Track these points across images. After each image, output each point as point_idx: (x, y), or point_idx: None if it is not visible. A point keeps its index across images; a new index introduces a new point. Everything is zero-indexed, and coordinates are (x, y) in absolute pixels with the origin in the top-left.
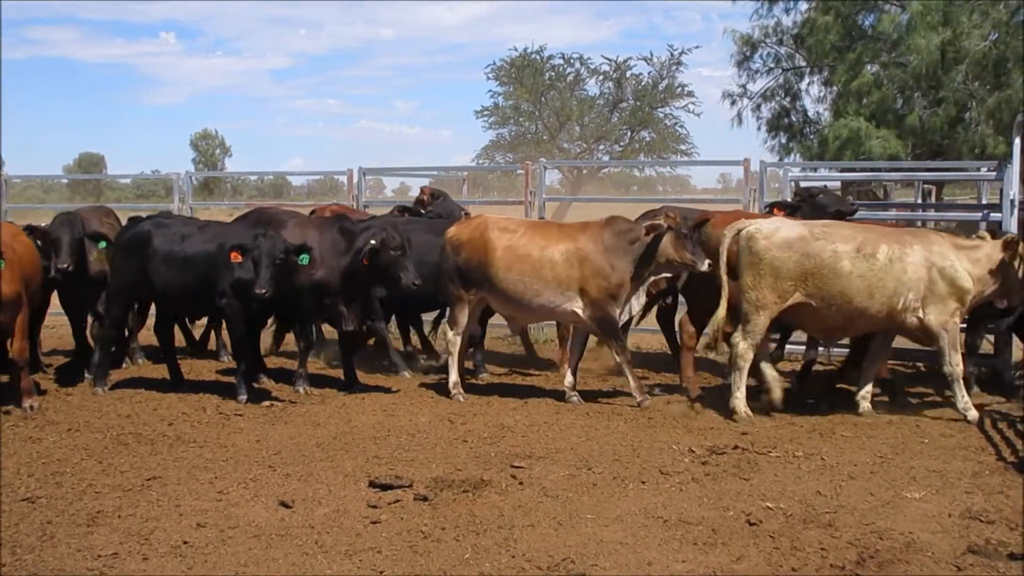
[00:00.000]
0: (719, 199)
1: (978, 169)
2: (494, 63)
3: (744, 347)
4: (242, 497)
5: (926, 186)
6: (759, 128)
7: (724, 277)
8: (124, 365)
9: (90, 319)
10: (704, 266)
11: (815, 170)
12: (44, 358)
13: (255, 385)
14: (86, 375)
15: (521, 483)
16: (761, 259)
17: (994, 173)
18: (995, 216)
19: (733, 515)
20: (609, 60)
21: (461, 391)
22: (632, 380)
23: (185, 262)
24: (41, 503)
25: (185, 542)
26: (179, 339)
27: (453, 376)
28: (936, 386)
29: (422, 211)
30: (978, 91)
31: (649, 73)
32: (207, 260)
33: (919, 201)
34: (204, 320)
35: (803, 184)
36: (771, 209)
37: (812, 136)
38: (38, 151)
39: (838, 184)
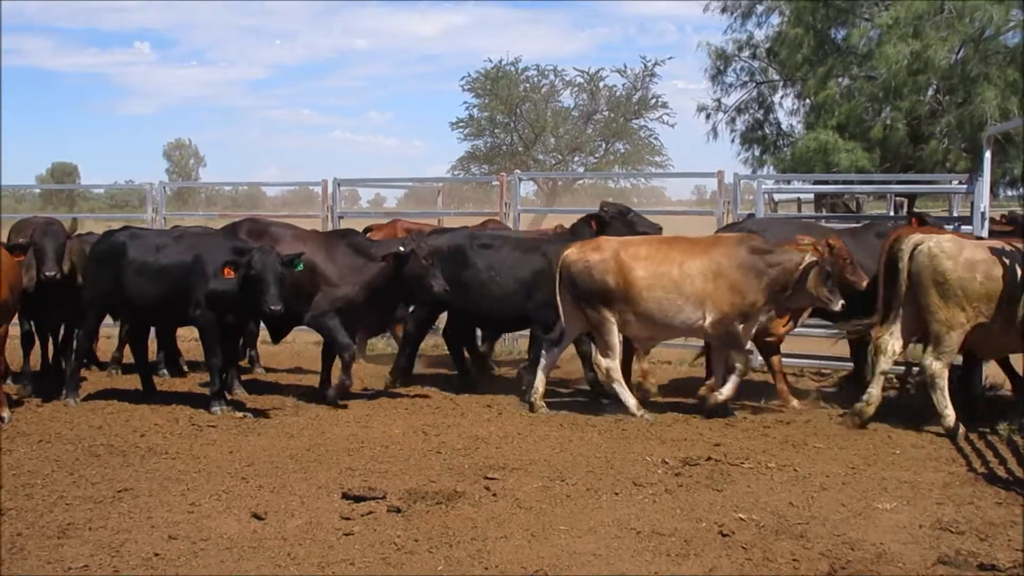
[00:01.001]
0: (693, 211)
1: (949, 182)
2: (469, 75)
3: (939, 367)
4: (214, 509)
5: (898, 199)
6: (733, 141)
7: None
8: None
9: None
10: (839, 306)
11: (788, 182)
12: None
13: (228, 396)
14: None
15: (494, 495)
16: (947, 279)
17: (965, 186)
18: (966, 228)
19: (706, 526)
20: (583, 72)
21: (646, 411)
22: (730, 389)
23: (160, 273)
24: (11, 515)
25: (156, 554)
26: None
27: (631, 399)
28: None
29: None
30: (945, 106)
31: (623, 85)
32: (183, 271)
33: (891, 214)
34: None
35: (776, 197)
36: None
37: (785, 149)
38: (10, 161)
39: (811, 196)
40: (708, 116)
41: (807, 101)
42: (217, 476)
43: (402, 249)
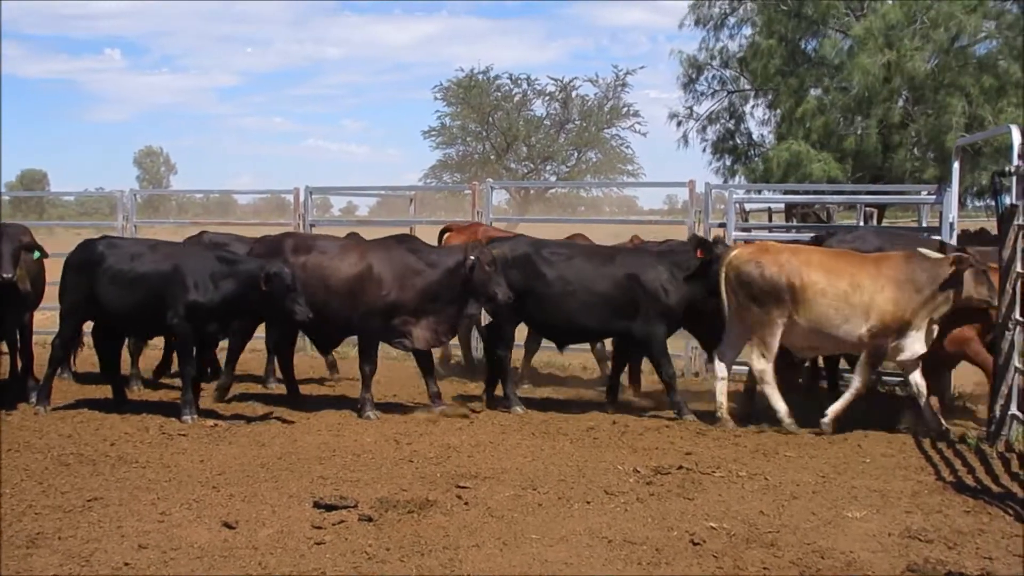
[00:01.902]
0: (665, 220)
1: (919, 192)
2: (441, 83)
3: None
4: (185, 518)
5: (868, 209)
6: (704, 150)
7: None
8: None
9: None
10: (996, 301)
11: (759, 192)
12: None
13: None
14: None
15: (466, 503)
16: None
17: (933, 197)
18: (935, 239)
19: (677, 535)
20: (555, 80)
21: (793, 420)
22: (841, 405)
23: (136, 281)
24: None
25: (127, 564)
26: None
27: (782, 405)
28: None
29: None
30: (916, 116)
31: (595, 94)
32: (159, 279)
33: (861, 223)
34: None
35: (747, 206)
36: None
37: (756, 158)
38: None
39: (782, 206)
40: (679, 123)
41: (778, 111)
42: (188, 485)
43: (471, 258)
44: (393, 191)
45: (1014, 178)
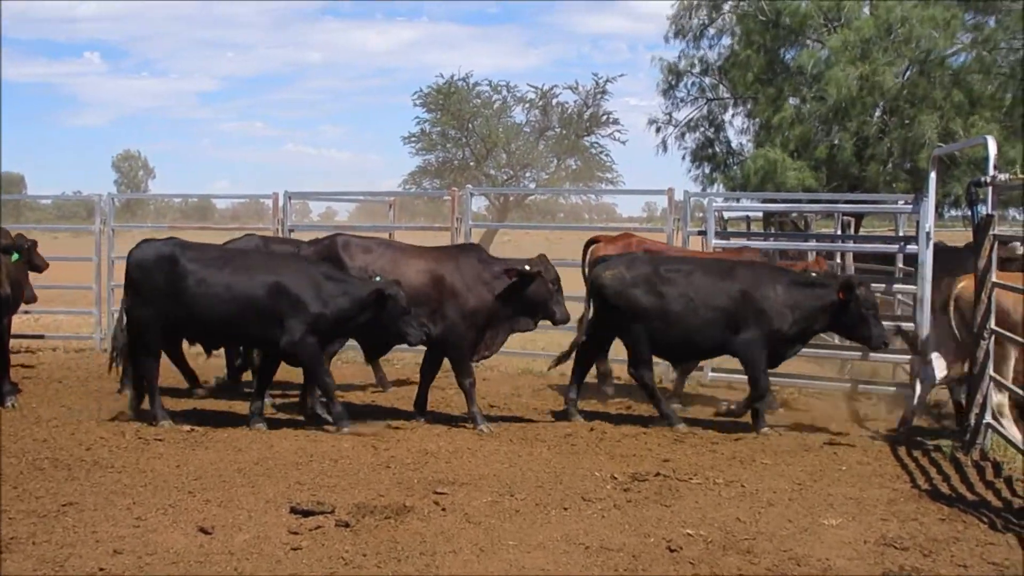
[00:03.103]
0: (644, 228)
1: (896, 202)
2: (421, 90)
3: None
4: (161, 523)
5: (845, 218)
6: (683, 158)
7: None
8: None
9: None
10: None
11: (738, 200)
12: None
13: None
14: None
15: (444, 509)
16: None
17: (910, 206)
18: (911, 248)
19: (654, 541)
20: (535, 88)
21: None
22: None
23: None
24: None
25: (101, 569)
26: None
27: (1017, 435)
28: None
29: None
30: (890, 127)
31: (575, 101)
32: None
33: (839, 233)
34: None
35: (726, 215)
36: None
37: (735, 167)
38: None
39: (760, 214)
40: (659, 130)
41: (756, 120)
42: (164, 490)
43: (528, 268)
44: (373, 196)
45: (989, 188)
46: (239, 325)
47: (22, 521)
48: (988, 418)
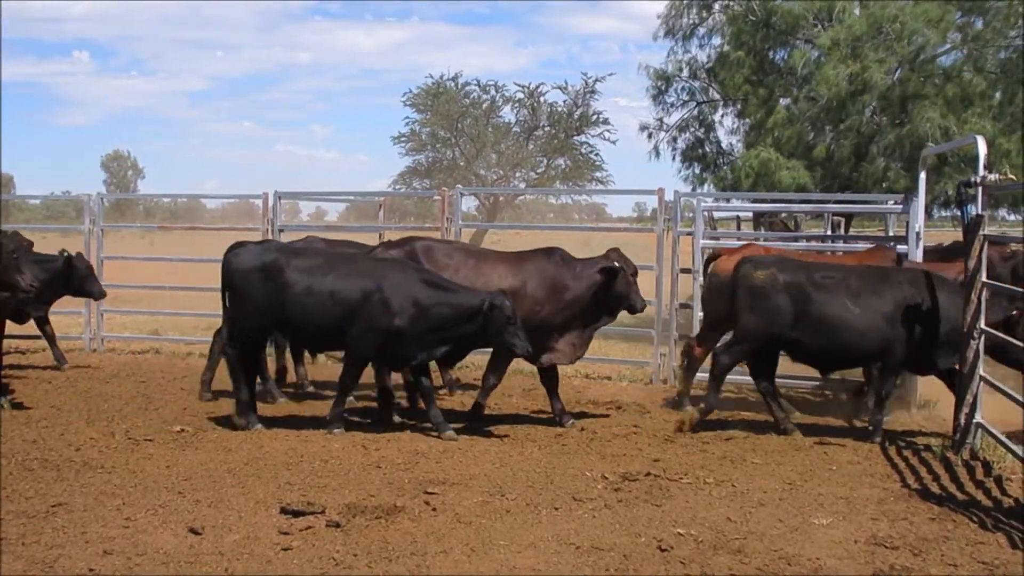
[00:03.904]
0: (634, 228)
1: (885, 202)
2: (410, 90)
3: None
4: (150, 524)
5: (835, 218)
6: (674, 158)
7: None
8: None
9: None
10: None
11: (728, 200)
12: None
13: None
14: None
15: (434, 509)
16: None
17: (900, 206)
18: (901, 248)
19: (645, 541)
20: (524, 87)
21: None
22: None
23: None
24: None
25: (91, 570)
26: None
27: None
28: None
29: None
30: (883, 125)
31: (564, 101)
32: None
33: (829, 232)
34: None
35: (716, 214)
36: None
37: (725, 167)
38: None
39: (750, 214)
40: (650, 135)
41: (747, 121)
42: (153, 490)
43: (616, 264)
44: (362, 197)
45: (979, 189)
46: (337, 328)
47: (11, 522)
48: (979, 417)
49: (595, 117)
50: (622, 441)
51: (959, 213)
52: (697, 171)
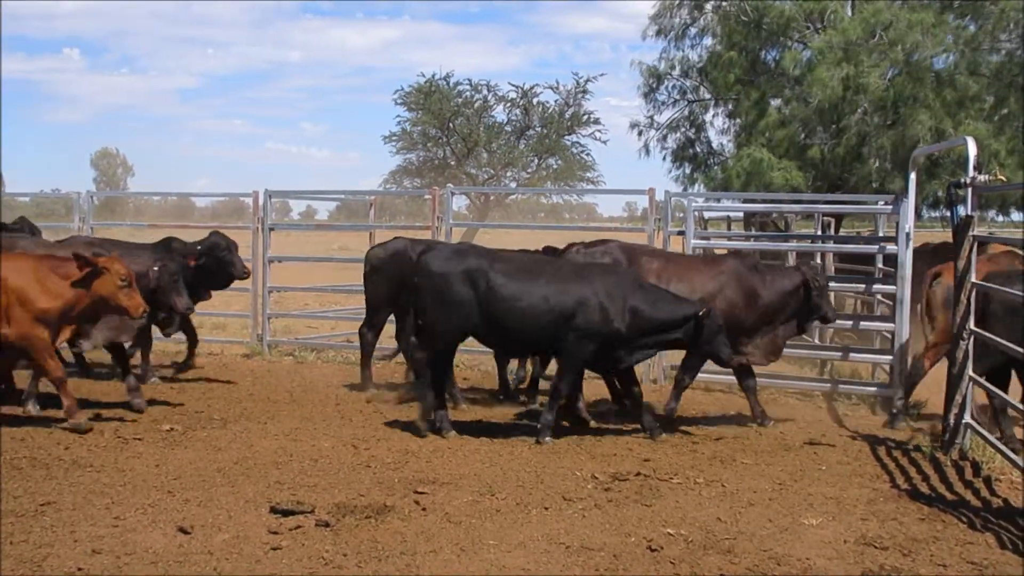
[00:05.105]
0: (625, 227)
1: (876, 203)
2: (402, 88)
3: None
4: (139, 523)
5: (826, 218)
6: (664, 158)
7: None
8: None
9: None
10: None
11: (718, 200)
12: None
13: None
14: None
15: (424, 509)
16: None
17: (890, 207)
18: (891, 248)
19: (634, 541)
20: (516, 87)
21: None
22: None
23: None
24: None
25: (80, 569)
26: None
27: None
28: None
29: None
30: (876, 127)
31: (556, 101)
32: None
33: (819, 233)
34: None
35: (706, 215)
36: None
37: (716, 167)
38: None
39: (741, 215)
40: (640, 133)
41: (738, 121)
42: (143, 490)
43: (810, 276)
44: (353, 195)
45: (969, 190)
46: (549, 334)
47: (0, 521)
48: (968, 418)
49: (586, 117)
50: (612, 441)
51: (949, 214)
52: (687, 171)
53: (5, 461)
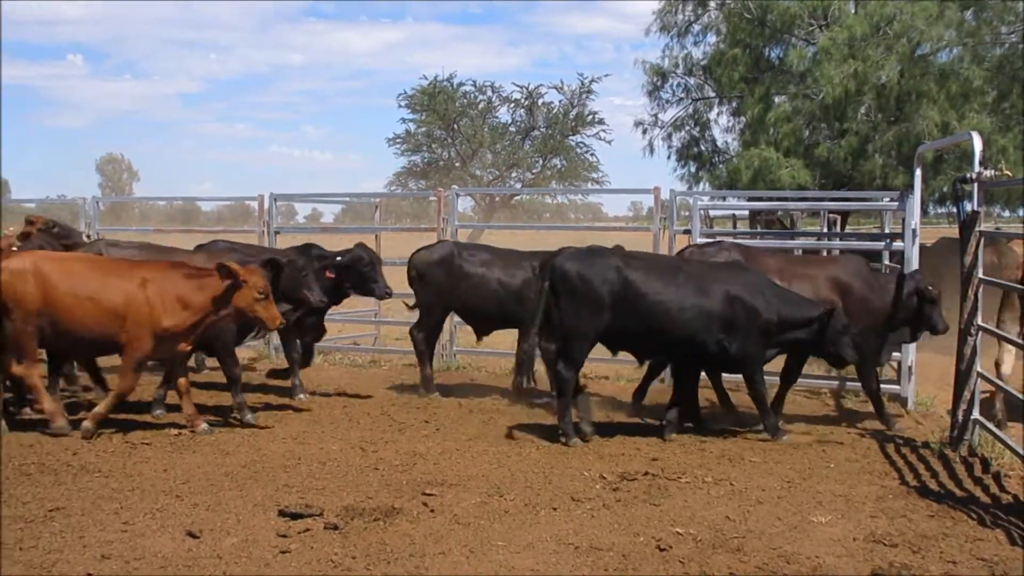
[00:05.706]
0: (630, 227)
1: (881, 199)
2: (405, 91)
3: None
4: (148, 528)
5: (831, 215)
6: (669, 157)
7: None
8: None
9: None
10: None
11: (724, 199)
12: None
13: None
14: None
15: (432, 511)
16: None
17: (896, 203)
18: (897, 245)
19: (643, 541)
20: (520, 88)
21: None
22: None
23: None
24: None
25: (89, 574)
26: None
27: None
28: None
29: None
30: (881, 124)
31: (560, 101)
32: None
33: (825, 230)
34: None
35: (712, 213)
36: None
37: (721, 165)
38: None
39: (747, 213)
40: (645, 131)
41: (742, 119)
42: (151, 494)
43: (924, 286)
44: (358, 198)
45: (975, 185)
46: (690, 335)
47: (9, 527)
48: (976, 414)
49: (591, 117)
50: (620, 441)
51: (955, 209)
52: (692, 169)
53: (14, 467)
